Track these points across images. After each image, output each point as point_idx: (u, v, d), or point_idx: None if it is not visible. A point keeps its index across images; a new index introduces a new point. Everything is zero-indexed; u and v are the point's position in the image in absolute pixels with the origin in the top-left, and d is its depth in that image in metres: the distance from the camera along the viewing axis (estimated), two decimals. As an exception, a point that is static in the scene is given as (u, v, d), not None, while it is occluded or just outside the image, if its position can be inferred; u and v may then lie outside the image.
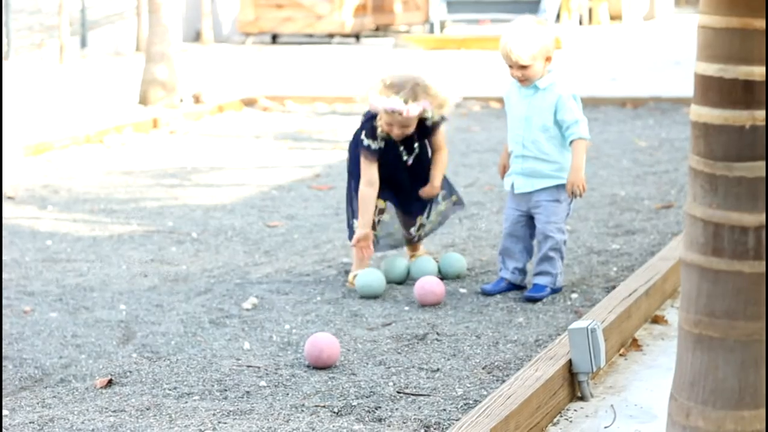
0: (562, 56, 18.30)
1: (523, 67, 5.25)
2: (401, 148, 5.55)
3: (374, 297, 5.39)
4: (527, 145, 5.34)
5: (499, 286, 5.47)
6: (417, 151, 5.58)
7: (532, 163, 5.34)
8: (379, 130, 5.46)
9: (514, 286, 5.48)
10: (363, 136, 5.49)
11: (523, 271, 5.50)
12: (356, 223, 5.56)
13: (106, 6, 20.32)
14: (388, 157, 5.53)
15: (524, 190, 5.37)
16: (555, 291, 5.41)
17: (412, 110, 5.34)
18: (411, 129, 5.45)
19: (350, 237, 5.65)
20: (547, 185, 5.35)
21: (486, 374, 4.44)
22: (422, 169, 5.63)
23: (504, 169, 5.48)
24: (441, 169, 5.64)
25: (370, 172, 5.47)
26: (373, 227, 5.56)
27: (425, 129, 5.53)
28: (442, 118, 5.51)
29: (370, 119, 5.49)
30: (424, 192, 5.63)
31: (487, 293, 5.43)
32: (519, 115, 5.35)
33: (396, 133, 5.44)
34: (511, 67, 5.27)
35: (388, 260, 5.68)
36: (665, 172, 8.56)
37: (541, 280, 5.41)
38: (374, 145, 5.47)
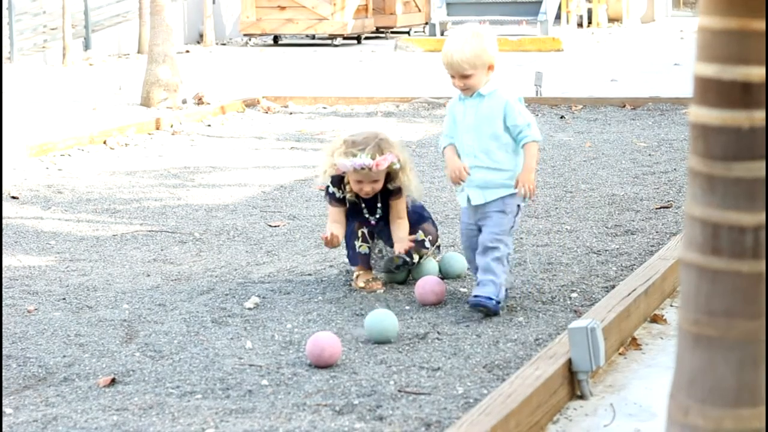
0: (562, 57, 18.32)
1: (465, 77, 5.13)
2: (364, 208, 5.58)
3: (387, 342, 4.85)
4: (479, 155, 5.16)
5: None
6: (380, 213, 5.59)
7: (484, 174, 5.16)
8: (347, 188, 5.53)
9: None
10: (331, 186, 5.53)
11: None
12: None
13: (109, 8, 20.34)
14: (354, 217, 5.59)
15: (479, 202, 5.20)
16: (498, 303, 5.12)
17: (382, 163, 5.36)
18: (380, 184, 5.47)
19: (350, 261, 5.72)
20: (499, 195, 5.17)
21: (486, 373, 4.45)
22: (388, 230, 5.61)
23: (457, 176, 5.20)
24: (403, 230, 5.57)
25: (334, 213, 5.58)
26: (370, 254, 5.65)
27: (387, 192, 5.54)
28: (399, 189, 5.52)
29: (337, 177, 5.53)
30: (400, 251, 5.54)
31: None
32: (467, 125, 5.19)
33: (366, 190, 5.46)
34: (453, 77, 5.17)
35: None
36: (664, 172, 8.58)
37: (484, 291, 5.11)
38: (339, 194, 5.54)
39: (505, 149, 5.18)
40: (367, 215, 5.58)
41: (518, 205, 5.23)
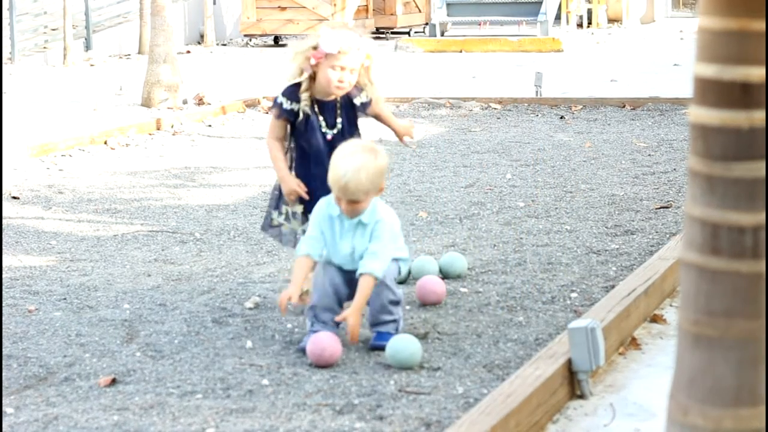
0: (562, 58, 18.32)
1: (356, 203, 4.66)
2: (321, 120, 5.09)
3: (410, 367, 4.58)
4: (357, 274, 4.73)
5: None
6: (339, 127, 5.11)
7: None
8: (304, 96, 5.06)
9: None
10: (280, 96, 5.09)
11: None
12: (274, 213, 5.30)
13: (109, 8, 20.34)
14: (306, 128, 5.09)
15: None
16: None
17: (367, 42, 5.06)
18: (355, 78, 5.06)
19: (263, 226, 5.37)
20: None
21: (486, 373, 4.46)
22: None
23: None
24: (397, 120, 5.31)
25: (277, 128, 5.14)
26: (287, 218, 5.23)
27: (352, 106, 5.14)
28: (371, 101, 5.17)
29: (293, 86, 5.09)
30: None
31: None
32: (344, 250, 4.75)
33: (347, 80, 5.02)
34: (340, 199, 4.67)
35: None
36: (664, 172, 8.59)
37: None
38: (287, 105, 5.07)
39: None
40: (324, 128, 5.08)
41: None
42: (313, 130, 5.09)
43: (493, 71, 16.26)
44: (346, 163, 4.60)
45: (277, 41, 22.02)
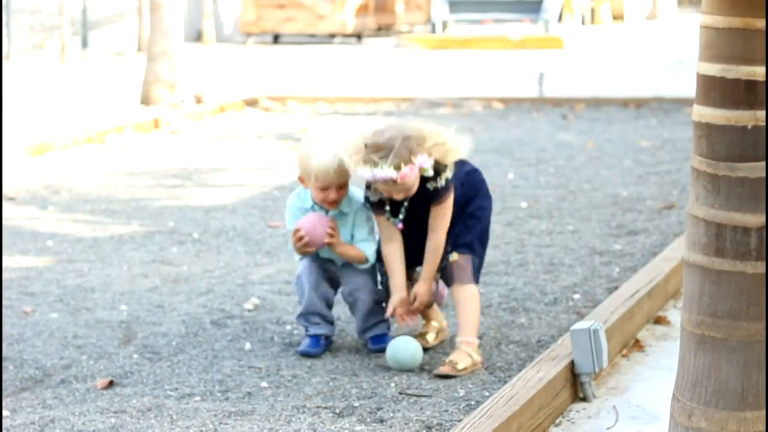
0: (564, 56, 18.30)
1: (344, 187, 4.57)
2: (387, 209, 4.60)
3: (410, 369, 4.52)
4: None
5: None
6: (404, 214, 4.57)
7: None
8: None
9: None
10: (365, 192, 4.65)
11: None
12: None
13: (107, 6, 20.32)
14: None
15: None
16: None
17: (408, 175, 4.38)
18: (414, 188, 4.48)
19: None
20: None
21: (488, 375, 4.43)
22: (417, 233, 4.61)
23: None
24: (432, 263, 4.58)
25: (384, 228, 4.62)
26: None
27: (425, 192, 4.52)
28: (447, 180, 4.51)
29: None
30: (414, 304, 4.62)
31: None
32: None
33: (399, 197, 4.52)
34: (326, 189, 4.54)
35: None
36: (667, 172, 8.56)
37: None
38: (372, 197, 4.60)
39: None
40: (389, 217, 4.61)
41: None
42: (381, 215, 4.66)
43: (495, 69, 16.23)
44: (328, 148, 4.50)
45: (276, 39, 22.01)
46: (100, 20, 20.06)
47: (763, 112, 3.01)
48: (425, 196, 4.52)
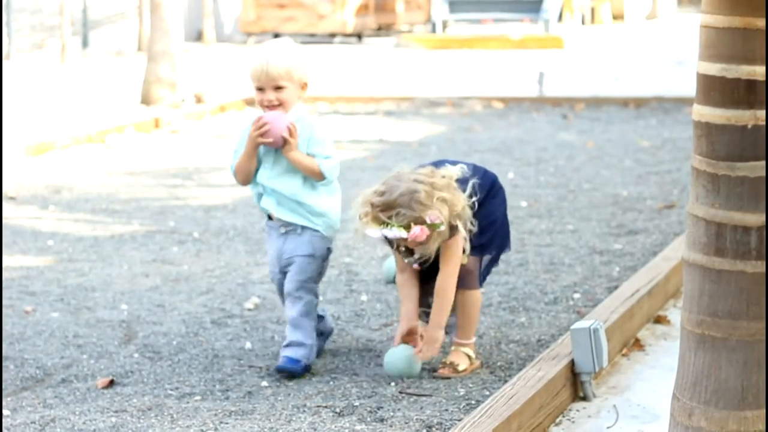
0: (564, 56, 18.30)
1: (279, 88, 4.48)
2: (402, 249, 4.42)
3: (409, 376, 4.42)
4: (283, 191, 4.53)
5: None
6: (416, 254, 4.38)
7: (287, 203, 4.54)
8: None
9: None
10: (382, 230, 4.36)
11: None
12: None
13: (107, 5, 20.32)
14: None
15: (274, 214, 4.54)
16: (307, 366, 4.48)
17: (419, 235, 4.22)
18: (433, 249, 4.33)
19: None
20: (300, 223, 4.52)
21: (488, 374, 4.43)
22: (431, 269, 4.45)
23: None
24: (439, 310, 4.40)
25: (399, 260, 4.46)
26: None
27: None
28: (457, 224, 4.34)
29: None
30: (423, 349, 4.40)
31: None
32: (269, 158, 4.55)
33: (419, 252, 4.35)
34: (262, 89, 4.49)
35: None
36: (668, 171, 8.56)
37: (294, 353, 4.48)
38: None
39: (317, 189, 4.52)
40: (405, 258, 4.42)
41: (328, 248, 4.56)
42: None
43: (495, 69, 16.23)
44: (265, 50, 4.51)
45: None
46: (101, 20, 20.06)
47: (763, 112, 3.01)
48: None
